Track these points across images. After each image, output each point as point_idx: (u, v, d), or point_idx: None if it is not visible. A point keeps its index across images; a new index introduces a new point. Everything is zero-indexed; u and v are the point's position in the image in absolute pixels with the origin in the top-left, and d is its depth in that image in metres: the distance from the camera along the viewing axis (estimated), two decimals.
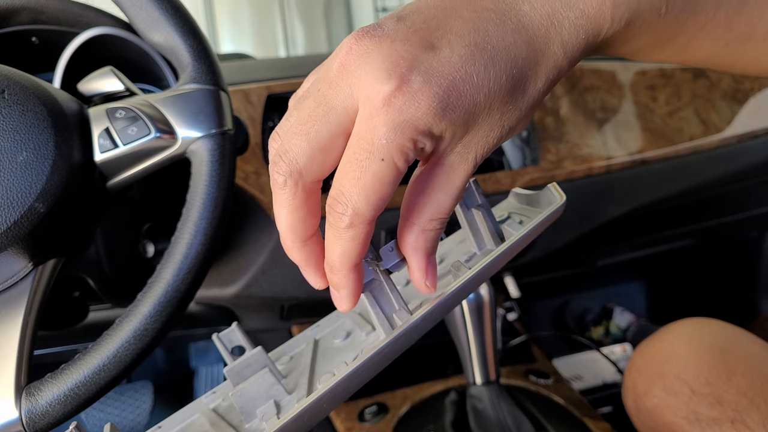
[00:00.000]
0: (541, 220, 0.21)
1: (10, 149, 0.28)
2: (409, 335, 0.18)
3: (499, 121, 0.17)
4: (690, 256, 0.95)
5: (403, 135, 0.16)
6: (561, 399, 0.47)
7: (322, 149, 0.17)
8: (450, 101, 0.16)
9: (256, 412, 0.18)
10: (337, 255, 0.17)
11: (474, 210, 0.21)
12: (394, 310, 0.18)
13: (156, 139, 0.30)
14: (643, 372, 0.42)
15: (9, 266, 0.28)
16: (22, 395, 0.26)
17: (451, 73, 0.16)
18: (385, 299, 0.18)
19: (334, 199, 0.17)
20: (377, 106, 0.16)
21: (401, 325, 0.18)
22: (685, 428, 0.37)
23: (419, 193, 0.18)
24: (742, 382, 0.36)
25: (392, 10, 2.35)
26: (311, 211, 0.18)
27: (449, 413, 0.41)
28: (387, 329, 0.18)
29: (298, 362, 0.20)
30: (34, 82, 0.30)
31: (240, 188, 0.45)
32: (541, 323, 0.97)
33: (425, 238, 0.18)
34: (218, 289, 0.47)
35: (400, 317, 0.18)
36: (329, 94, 0.17)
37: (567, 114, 0.55)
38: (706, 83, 0.62)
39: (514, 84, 0.17)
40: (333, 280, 0.18)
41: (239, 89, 0.48)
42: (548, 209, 0.22)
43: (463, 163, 0.17)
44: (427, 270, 0.18)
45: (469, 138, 0.17)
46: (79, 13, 0.37)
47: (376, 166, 0.16)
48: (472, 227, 0.21)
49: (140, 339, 0.28)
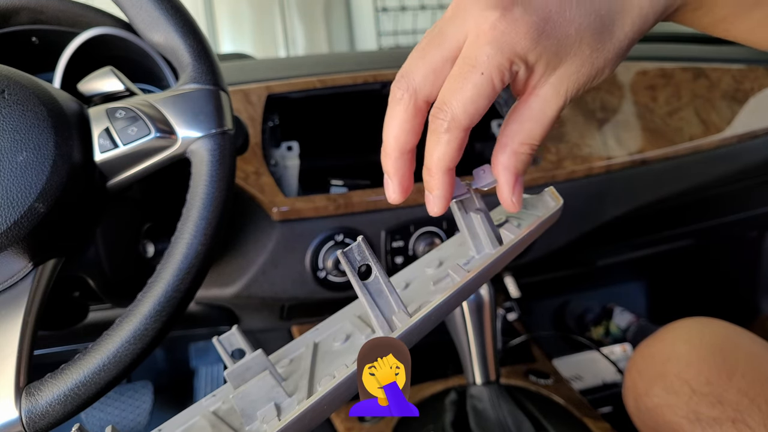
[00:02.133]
0: (539, 223, 0.22)
1: (10, 149, 0.28)
2: (408, 337, 0.18)
3: (588, 58, 0.20)
4: (690, 256, 0.95)
5: (502, 54, 0.19)
6: (561, 399, 0.47)
7: (434, 70, 0.20)
8: (545, 29, 0.19)
9: (257, 415, 0.18)
10: (435, 158, 0.21)
11: (473, 214, 0.22)
12: (394, 312, 0.19)
13: (156, 139, 0.30)
14: (644, 372, 0.42)
15: (9, 266, 0.28)
16: (22, 395, 0.26)
17: (547, 6, 0.19)
18: (385, 302, 0.19)
19: (438, 108, 0.20)
20: (484, 30, 0.19)
21: (400, 327, 0.18)
22: (685, 428, 0.37)
23: (514, 122, 0.21)
24: (742, 382, 0.36)
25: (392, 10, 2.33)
26: (415, 128, 0.21)
27: (449, 413, 0.41)
28: (386, 331, 0.18)
29: (298, 365, 0.20)
30: (34, 82, 0.30)
31: (240, 188, 0.45)
32: (541, 323, 0.97)
33: (516, 159, 0.21)
34: (218, 289, 0.47)
35: (399, 319, 0.18)
36: (444, 27, 0.20)
37: (567, 114, 0.55)
38: (706, 83, 0.62)
39: (602, 23, 0.19)
40: (429, 182, 0.21)
41: (239, 89, 0.48)
42: (545, 213, 0.22)
43: (555, 96, 0.20)
44: (514, 187, 0.21)
45: (562, 71, 0.20)
46: (79, 13, 0.36)
47: (476, 78, 0.19)
48: (470, 231, 0.22)
49: (140, 339, 0.28)
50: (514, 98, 0.22)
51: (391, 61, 0.53)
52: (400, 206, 0.49)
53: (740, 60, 0.66)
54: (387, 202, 0.48)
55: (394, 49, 1.44)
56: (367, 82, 0.51)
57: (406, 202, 0.49)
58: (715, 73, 0.63)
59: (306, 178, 0.57)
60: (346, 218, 0.48)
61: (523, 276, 0.69)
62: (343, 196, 0.47)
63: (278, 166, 0.51)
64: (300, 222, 0.46)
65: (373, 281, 0.18)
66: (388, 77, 0.51)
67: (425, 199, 0.22)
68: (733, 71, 0.64)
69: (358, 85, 0.51)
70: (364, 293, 0.18)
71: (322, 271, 0.47)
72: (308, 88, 0.49)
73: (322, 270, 0.47)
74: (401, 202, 0.22)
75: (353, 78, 0.50)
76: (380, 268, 0.18)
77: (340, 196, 0.47)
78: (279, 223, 0.46)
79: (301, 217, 0.46)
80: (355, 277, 0.18)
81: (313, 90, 0.50)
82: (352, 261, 0.18)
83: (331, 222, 0.47)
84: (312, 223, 0.47)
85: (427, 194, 0.22)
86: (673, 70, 0.61)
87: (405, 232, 0.49)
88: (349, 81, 0.50)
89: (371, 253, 0.19)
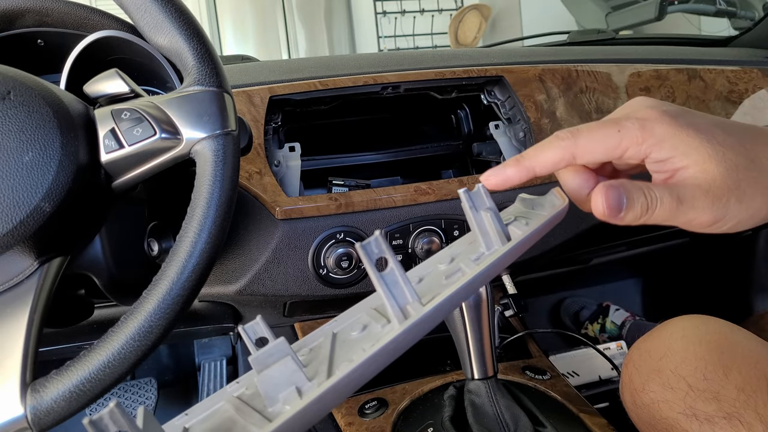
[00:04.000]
0: (545, 221, 0.23)
1: (16, 149, 0.28)
2: (421, 325, 0.19)
3: None
4: (684, 254, 0.96)
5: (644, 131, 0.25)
6: (557, 394, 0.47)
7: (596, 138, 0.25)
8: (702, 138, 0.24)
9: (279, 397, 0.19)
10: (532, 152, 0.26)
11: (483, 212, 0.23)
12: (408, 302, 0.20)
13: (161, 139, 0.30)
14: (641, 367, 0.42)
15: (15, 264, 0.29)
16: (28, 392, 0.26)
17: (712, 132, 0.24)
18: (399, 292, 0.20)
19: (570, 129, 0.25)
20: (644, 115, 0.25)
21: (413, 316, 0.19)
22: (682, 423, 0.37)
23: None
24: (739, 378, 0.36)
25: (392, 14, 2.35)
26: (556, 165, 0.26)
27: (448, 408, 0.41)
28: (401, 320, 0.19)
29: (318, 353, 0.21)
30: (39, 84, 0.30)
31: (243, 188, 0.46)
32: (537, 320, 0.97)
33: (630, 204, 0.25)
34: (222, 287, 0.48)
35: (413, 308, 0.20)
36: (614, 115, 0.27)
37: (563, 115, 0.56)
38: (700, 84, 0.63)
39: None
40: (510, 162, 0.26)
41: (243, 91, 0.48)
42: (552, 211, 0.23)
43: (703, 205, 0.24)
44: None
45: None
46: (84, 16, 0.37)
47: (611, 129, 0.25)
48: (480, 229, 0.23)
49: (145, 336, 0.28)
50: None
51: (391, 64, 0.53)
52: (400, 206, 0.49)
53: (734, 62, 0.66)
54: (387, 201, 0.49)
55: (393, 51, 1.44)
56: (367, 84, 0.51)
57: (405, 201, 0.49)
58: (710, 74, 0.64)
59: (308, 178, 0.57)
60: (347, 217, 0.48)
61: (520, 274, 0.70)
62: (344, 195, 0.48)
63: (281, 167, 0.51)
64: (302, 221, 0.47)
65: (388, 273, 0.19)
66: (387, 79, 0.51)
67: (493, 170, 0.26)
68: (727, 73, 0.64)
69: (358, 86, 0.51)
70: (380, 283, 0.19)
71: (323, 268, 0.48)
72: (310, 89, 0.50)
73: (323, 268, 0.48)
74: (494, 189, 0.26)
75: (354, 80, 0.51)
76: (396, 261, 0.20)
77: (341, 196, 0.48)
78: (281, 221, 0.47)
79: (303, 216, 0.47)
80: (372, 269, 0.19)
81: (315, 92, 0.50)
82: (369, 253, 0.19)
83: (332, 221, 0.48)
84: (314, 221, 0.47)
85: (499, 167, 0.26)
86: (667, 72, 0.62)
87: (404, 230, 0.49)
88: (349, 83, 0.51)
89: (388, 246, 0.20)
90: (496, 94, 0.56)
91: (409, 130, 0.64)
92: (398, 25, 2.29)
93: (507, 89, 0.55)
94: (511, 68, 0.55)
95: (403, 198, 0.49)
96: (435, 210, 0.50)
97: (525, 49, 0.73)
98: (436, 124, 0.65)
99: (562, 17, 1.43)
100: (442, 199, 0.50)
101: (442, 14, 2.39)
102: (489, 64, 0.55)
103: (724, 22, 1.00)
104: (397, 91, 0.53)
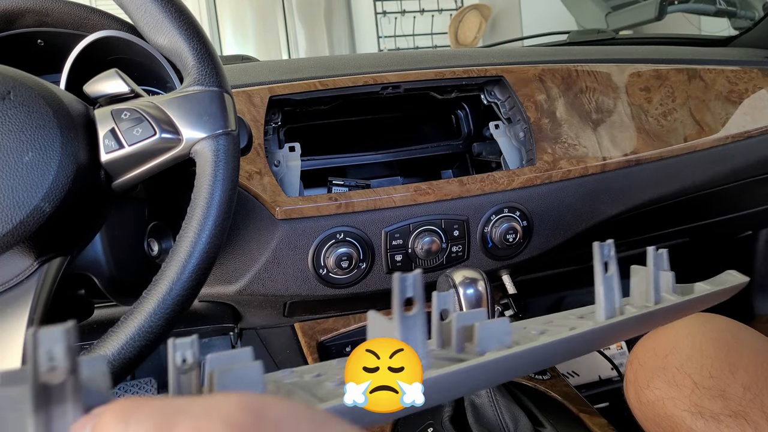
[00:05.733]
0: (717, 290, 0.24)
1: (16, 150, 0.28)
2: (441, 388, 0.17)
3: None
4: (684, 255, 0.96)
5: None
6: (557, 394, 0.47)
7: None
8: None
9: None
10: None
11: (662, 273, 0.24)
12: (418, 346, 0.17)
13: (161, 139, 0.30)
14: (645, 364, 0.42)
15: (15, 265, 0.29)
16: None
17: None
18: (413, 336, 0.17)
19: None
20: None
21: None
22: (687, 421, 0.37)
23: None
24: (745, 377, 0.36)
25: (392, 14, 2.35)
26: None
27: (448, 408, 0.41)
28: None
29: None
30: (39, 84, 0.30)
31: (243, 188, 0.46)
32: None
33: None
34: (221, 287, 0.48)
35: None
36: None
37: (563, 115, 0.56)
38: (700, 84, 0.63)
39: None
40: None
41: (243, 91, 0.48)
42: (727, 285, 0.25)
43: None
44: None
45: None
46: (84, 16, 0.37)
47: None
48: (655, 285, 0.24)
49: (144, 336, 0.28)
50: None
51: (391, 64, 0.53)
52: (400, 206, 0.49)
53: (734, 62, 0.66)
54: (386, 201, 0.49)
55: (393, 51, 1.44)
56: (367, 84, 0.51)
57: (405, 201, 0.49)
58: (710, 74, 0.64)
59: (308, 178, 0.57)
60: (347, 217, 0.48)
61: (519, 273, 0.69)
62: (344, 195, 0.48)
63: (281, 167, 0.51)
64: (302, 221, 0.47)
65: (412, 316, 0.17)
66: (387, 79, 0.51)
67: None
68: (727, 73, 0.64)
69: (358, 86, 0.51)
70: (398, 321, 0.17)
71: (323, 268, 0.48)
72: (310, 89, 0.50)
73: (323, 268, 0.48)
74: None
75: (354, 80, 0.51)
76: (423, 307, 0.18)
77: (341, 196, 0.48)
78: (281, 221, 0.47)
79: (303, 216, 0.47)
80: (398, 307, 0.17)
81: (315, 92, 0.50)
82: (401, 289, 0.17)
83: (332, 221, 0.48)
84: (314, 221, 0.47)
85: None
86: (667, 72, 0.62)
87: (404, 230, 0.49)
88: (349, 83, 0.51)
89: (423, 292, 0.17)
90: (496, 94, 0.57)
91: (409, 130, 0.64)
92: (398, 25, 2.29)
93: (507, 89, 0.55)
94: (511, 68, 0.55)
95: (403, 198, 0.49)
96: (435, 210, 0.50)
97: (525, 49, 0.73)
98: (436, 124, 0.65)
99: (562, 17, 1.43)
100: (442, 200, 0.50)
101: (442, 14, 2.39)
102: (489, 64, 0.55)
103: (724, 22, 1.00)
104: (397, 91, 0.53)
